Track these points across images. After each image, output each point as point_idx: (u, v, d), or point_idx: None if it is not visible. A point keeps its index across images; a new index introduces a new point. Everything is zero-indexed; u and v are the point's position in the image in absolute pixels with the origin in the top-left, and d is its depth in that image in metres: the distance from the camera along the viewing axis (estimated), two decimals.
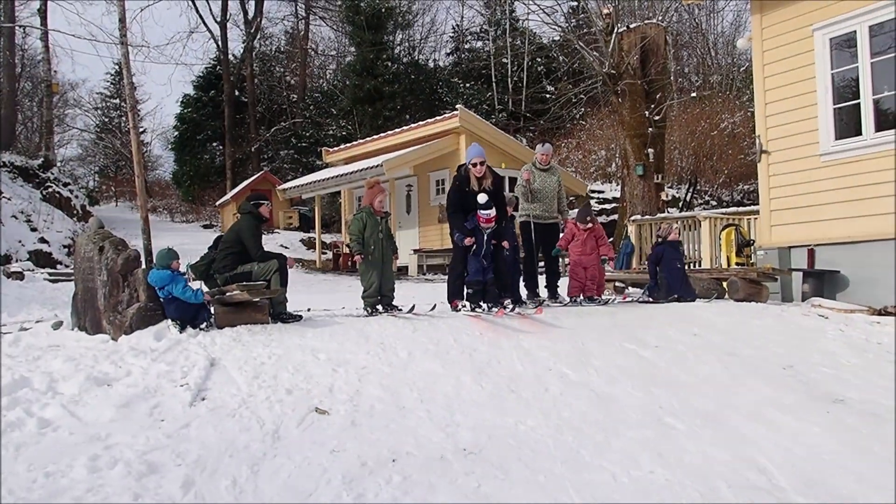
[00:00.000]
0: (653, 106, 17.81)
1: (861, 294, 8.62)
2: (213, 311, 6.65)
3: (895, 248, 8.28)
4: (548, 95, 33.10)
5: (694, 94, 26.54)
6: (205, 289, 7.08)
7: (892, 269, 8.26)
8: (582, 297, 8.89)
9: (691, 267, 12.29)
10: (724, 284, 9.46)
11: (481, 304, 7.78)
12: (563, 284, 9.33)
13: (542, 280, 9.38)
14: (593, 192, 25.39)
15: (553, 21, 23.05)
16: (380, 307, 7.67)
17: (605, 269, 9.42)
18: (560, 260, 9.67)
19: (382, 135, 23.61)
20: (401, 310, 7.67)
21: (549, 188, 9.18)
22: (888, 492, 3.83)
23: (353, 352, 5.84)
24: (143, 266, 6.82)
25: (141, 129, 41.71)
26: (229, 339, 6.08)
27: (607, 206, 24.39)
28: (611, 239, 10.99)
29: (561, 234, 9.34)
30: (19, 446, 3.97)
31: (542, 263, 9.58)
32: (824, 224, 8.99)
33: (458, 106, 21.27)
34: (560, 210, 9.35)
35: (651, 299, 9.26)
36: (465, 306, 7.82)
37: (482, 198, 7.61)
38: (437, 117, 22.04)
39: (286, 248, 25.38)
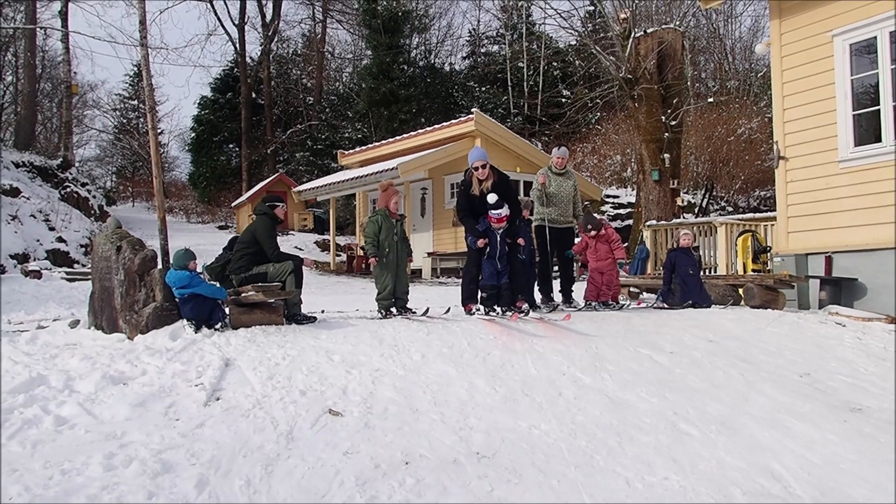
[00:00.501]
0: (669, 111, 17.76)
1: (879, 302, 8.53)
2: (227, 311, 6.68)
3: (895, 257, 8.19)
4: (564, 100, 33.03)
5: (711, 100, 26.44)
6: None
7: None
8: (596, 302, 8.86)
9: (707, 273, 12.22)
10: (740, 291, 9.40)
11: (495, 308, 7.76)
12: (578, 289, 9.30)
13: (556, 284, 9.35)
14: (608, 196, 25.32)
15: (570, 25, 23.14)
16: (394, 310, 7.67)
17: (619, 272, 9.35)
18: (574, 265, 9.62)
19: (398, 138, 23.66)
20: (415, 312, 7.67)
21: (564, 192, 9.15)
22: None
23: (366, 354, 5.85)
24: (160, 266, 6.86)
25: (159, 131, 42.04)
26: (244, 339, 6.11)
27: (622, 212, 24.33)
28: (625, 244, 10.93)
29: (576, 240, 9.32)
30: (36, 443, 4.01)
31: (556, 268, 9.55)
32: (842, 231, 8.91)
33: (473, 109, 21.29)
34: (575, 214, 9.31)
35: (665, 305, 9.22)
36: (479, 310, 7.80)
37: (492, 197, 7.56)
38: (453, 121, 22.06)
39: (300, 249, 25.49)
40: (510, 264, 7.80)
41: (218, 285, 7.18)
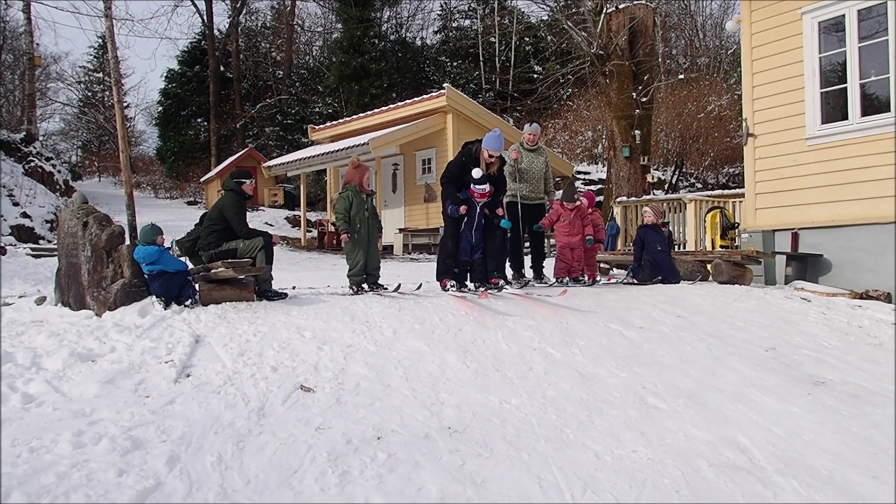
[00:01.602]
0: (640, 87, 17.81)
1: (843, 278, 8.70)
2: (197, 287, 6.62)
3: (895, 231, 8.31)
4: (535, 75, 32.97)
5: (681, 76, 26.56)
6: (189, 265, 7.07)
7: (875, 253, 8.36)
8: (567, 279, 8.92)
9: (676, 249, 12.35)
10: (709, 267, 9.52)
11: (467, 283, 7.79)
12: (548, 265, 9.34)
13: (527, 261, 9.38)
14: (579, 173, 25.44)
15: (542, 0, 22.95)
16: (365, 286, 7.66)
17: (595, 249, 9.34)
18: (545, 241, 9.63)
19: (369, 113, 23.48)
20: (386, 288, 7.67)
21: (536, 168, 9.15)
22: (864, 471, 3.90)
23: (338, 330, 5.84)
24: (128, 242, 6.77)
25: (125, 104, 41.24)
26: (214, 316, 6.06)
27: (593, 188, 24.46)
28: None
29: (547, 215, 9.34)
30: (3, 421, 3.95)
31: (527, 244, 9.58)
32: (808, 208, 9.05)
33: (445, 85, 21.19)
34: (547, 191, 9.33)
35: (635, 281, 9.31)
36: (453, 286, 7.83)
37: (476, 172, 7.63)
38: (424, 96, 21.94)
39: (271, 225, 25.30)
40: (486, 241, 7.84)
41: (186, 261, 7.11)
